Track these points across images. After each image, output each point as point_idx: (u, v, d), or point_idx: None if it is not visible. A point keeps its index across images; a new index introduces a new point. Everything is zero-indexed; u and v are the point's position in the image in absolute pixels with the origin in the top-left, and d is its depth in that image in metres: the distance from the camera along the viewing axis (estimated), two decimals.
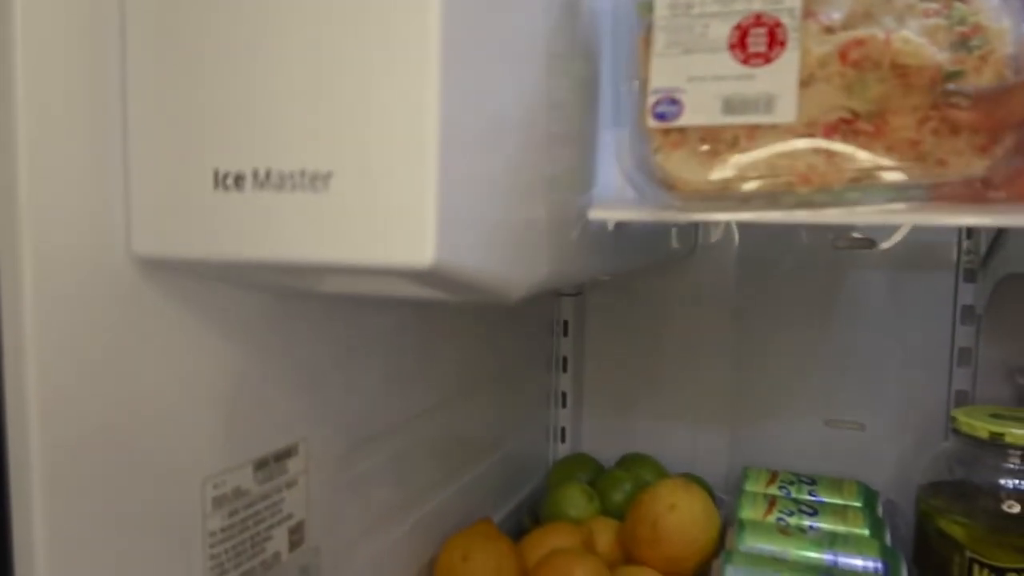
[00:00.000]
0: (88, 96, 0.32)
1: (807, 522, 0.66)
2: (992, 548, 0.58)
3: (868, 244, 0.81)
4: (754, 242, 0.86)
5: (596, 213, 0.41)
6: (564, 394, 0.93)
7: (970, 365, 0.78)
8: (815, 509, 0.67)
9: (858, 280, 0.83)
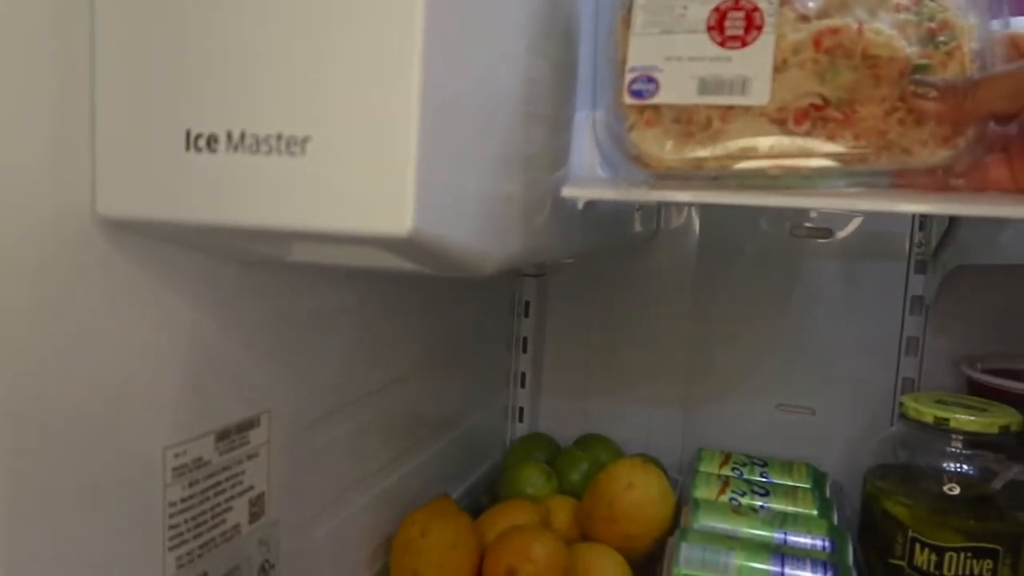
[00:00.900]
0: (52, 49, 0.31)
1: (759, 502, 0.68)
2: (934, 528, 0.60)
3: (825, 233, 0.83)
4: (714, 228, 0.88)
5: (568, 191, 0.41)
6: (523, 374, 0.93)
7: (917, 354, 0.81)
8: (767, 490, 0.69)
9: (814, 269, 0.85)
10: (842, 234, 0.83)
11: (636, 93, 0.40)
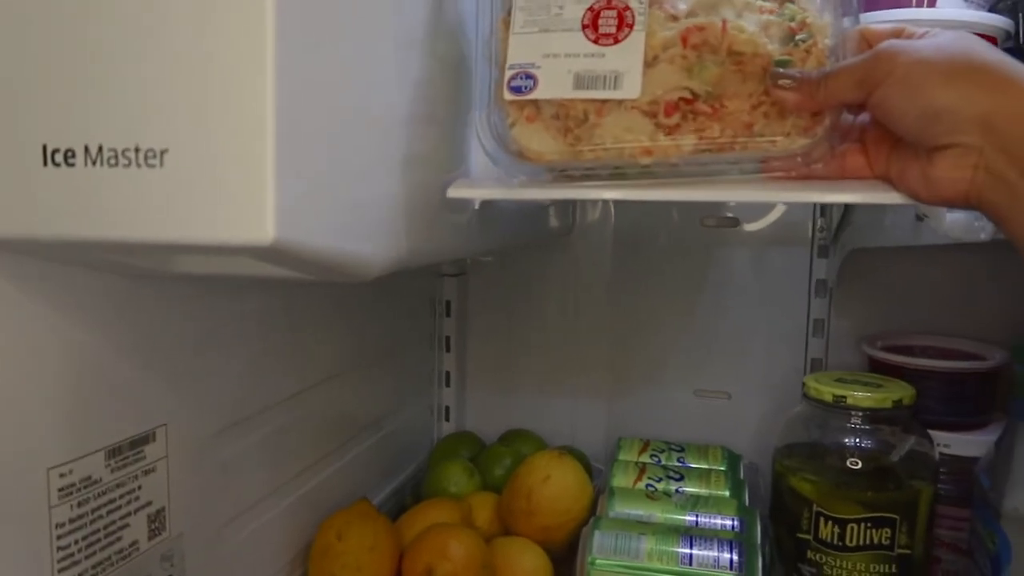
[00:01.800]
0: None
1: (674, 487, 0.69)
2: (836, 502, 0.63)
3: (733, 223, 0.86)
4: (629, 221, 0.89)
5: (454, 192, 0.42)
6: (448, 373, 0.94)
7: (823, 335, 0.84)
8: (682, 475, 0.71)
9: (725, 257, 0.87)
10: (750, 224, 0.85)
11: (515, 89, 0.41)
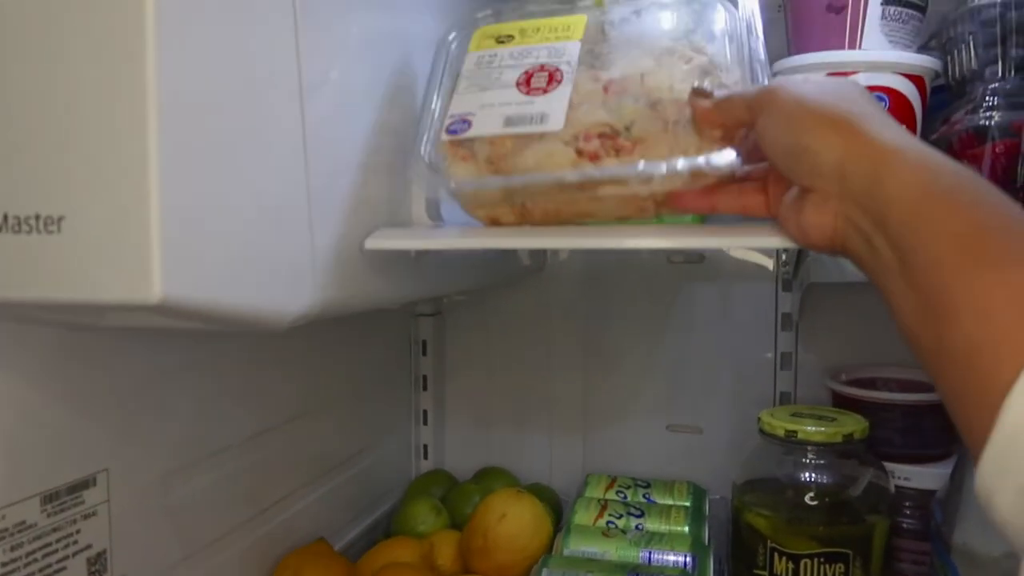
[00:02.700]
0: None
1: (634, 523, 0.70)
2: (790, 537, 0.63)
3: (698, 258, 0.87)
4: (599, 259, 0.91)
5: (372, 243, 0.44)
6: (425, 411, 0.95)
7: (791, 368, 0.84)
8: (642, 511, 0.71)
9: (693, 292, 0.88)
10: (714, 259, 0.86)
11: (452, 131, 0.45)
